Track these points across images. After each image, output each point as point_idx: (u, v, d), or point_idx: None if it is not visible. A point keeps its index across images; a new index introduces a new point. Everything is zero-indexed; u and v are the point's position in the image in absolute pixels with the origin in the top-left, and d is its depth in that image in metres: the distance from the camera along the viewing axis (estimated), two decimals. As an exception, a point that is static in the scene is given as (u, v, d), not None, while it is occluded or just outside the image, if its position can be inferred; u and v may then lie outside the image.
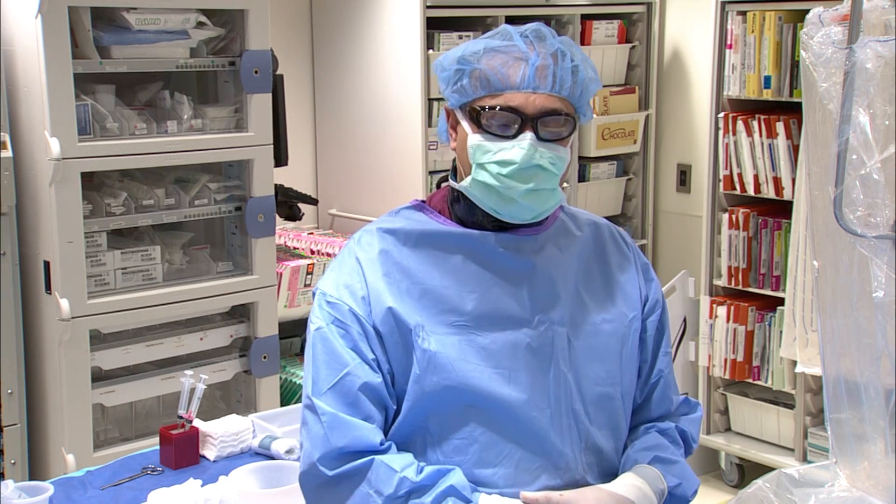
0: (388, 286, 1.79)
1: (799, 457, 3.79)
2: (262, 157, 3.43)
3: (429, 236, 1.83)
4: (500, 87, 1.75)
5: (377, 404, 1.76)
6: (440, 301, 1.79)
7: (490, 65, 1.76)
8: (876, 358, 2.14)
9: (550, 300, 1.83)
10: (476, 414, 1.76)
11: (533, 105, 1.75)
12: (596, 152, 4.30)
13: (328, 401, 1.74)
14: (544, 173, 1.77)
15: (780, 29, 3.67)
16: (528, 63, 1.75)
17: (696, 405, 2.03)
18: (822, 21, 2.18)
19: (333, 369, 1.76)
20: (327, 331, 1.78)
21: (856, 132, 2.07)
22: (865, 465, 2.21)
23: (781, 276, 3.76)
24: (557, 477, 1.79)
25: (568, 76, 1.77)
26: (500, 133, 1.76)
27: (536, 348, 1.80)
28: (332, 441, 1.72)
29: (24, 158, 3.13)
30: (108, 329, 3.26)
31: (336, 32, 4.12)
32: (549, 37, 1.80)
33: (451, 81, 1.80)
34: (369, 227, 1.89)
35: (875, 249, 2.07)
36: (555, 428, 1.78)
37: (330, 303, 1.80)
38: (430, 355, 1.75)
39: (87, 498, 2.20)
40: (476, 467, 1.76)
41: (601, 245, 1.94)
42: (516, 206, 1.78)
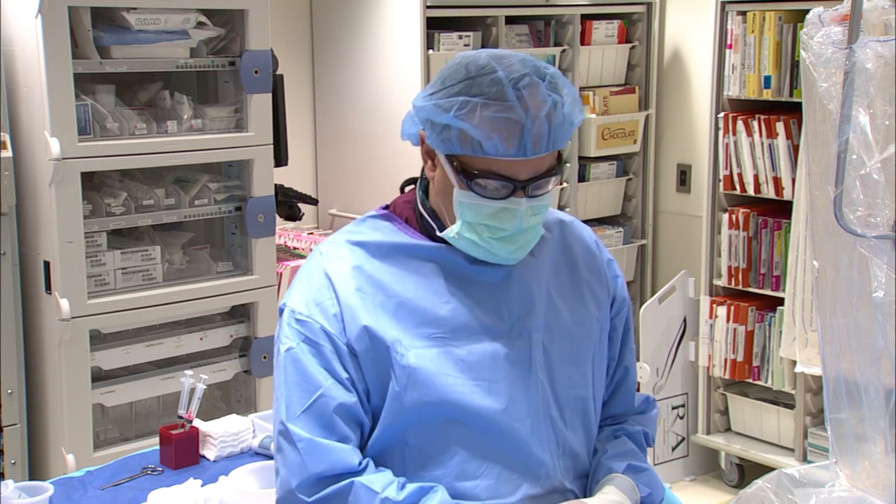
0: (362, 302, 1.74)
1: (799, 457, 3.79)
2: (262, 157, 3.43)
3: (400, 248, 1.79)
4: (493, 155, 1.67)
5: (353, 424, 1.72)
6: (416, 313, 1.75)
7: (481, 129, 1.65)
8: (876, 358, 2.14)
9: (527, 308, 1.81)
10: (456, 427, 1.74)
11: (527, 170, 1.69)
12: (596, 152, 4.30)
13: (302, 425, 1.70)
14: (531, 230, 1.75)
15: (780, 29, 3.67)
16: (525, 130, 1.65)
17: (654, 402, 2.03)
18: (822, 21, 2.19)
19: (306, 391, 1.71)
20: (298, 351, 1.73)
21: (856, 132, 2.07)
22: (865, 465, 2.21)
23: (781, 276, 3.76)
24: (538, 485, 1.77)
25: (560, 132, 1.69)
26: (491, 195, 1.70)
27: (514, 358, 1.78)
28: (309, 467, 1.68)
29: (24, 158, 3.13)
30: (108, 329, 3.26)
31: (336, 32, 4.12)
32: (541, 85, 1.68)
33: (437, 129, 1.71)
34: (336, 238, 1.83)
35: (875, 249, 2.07)
36: (534, 437, 1.77)
37: (300, 321, 1.74)
38: (409, 371, 1.71)
39: (87, 498, 2.20)
40: (457, 480, 1.74)
41: (568, 244, 1.92)
42: (500, 259, 1.77)
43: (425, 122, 1.73)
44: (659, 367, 4.03)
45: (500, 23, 3.94)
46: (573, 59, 4.16)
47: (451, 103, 1.68)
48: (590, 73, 4.29)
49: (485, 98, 1.66)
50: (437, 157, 1.76)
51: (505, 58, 1.71)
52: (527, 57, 1.73)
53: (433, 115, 1.70)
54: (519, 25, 4.09)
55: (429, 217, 1.81)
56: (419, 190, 1.85)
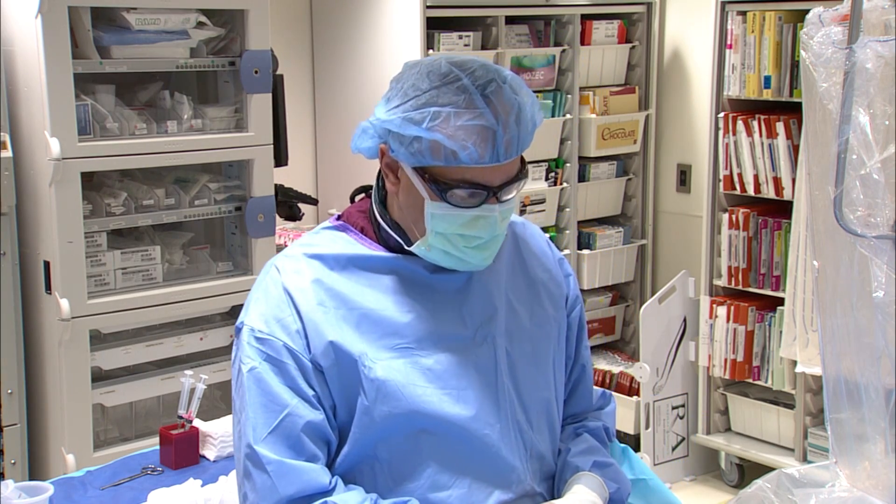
0: (325, 316, 1.70)
1: (799, 457, 3.79)
2: (262, 157, 3.43)
3: (357, 260, 1.76)
4: (468, 163, 1.65)
5: (320, 442, 1.69)
6: (379, 325, 1.72)
7: (455, 138, 1.63)
8: (876, 358, 2.14)
9: (488, 313, 1.79)
10: (427, 438, 1.71)
11: (499, 176, 1.69)
12: (596, 152, 4.30)
13: (270, 447, 1.65)
14: (502, 234, 1.76)
15: (780, 29, 3.67)
16: (497, 136, 1.64)
17: (610, 396, 2.03)
18: (822, 21, 2.18)
19: (272, 412, 1.66)
20: (261, 370, 1.68)
21: (856, 132, 2.07)
22: (865, 465, 2.21)
23: (781, 276, 3.76)
24: (510, 491, 1.76)
25: (527, 135, 1.70)
26: (464, 204, 1.68)
27: (480, 364, 1.76)
28: (280, 490, 1.63)
29: (24, 158, 3.13)
30: (108, 329, 3.26)
31: (336, 32, 4.12)
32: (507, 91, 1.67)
33: (405, 143, 1.67)
34: (291, 251, 1.80)
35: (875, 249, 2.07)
36: (504, 442, 1.76)
37: (260, 339, 1.70)
38: (378, 384, 1.68)
39: (87, 498, 2.20)
40: (430, 492, 1.71)
41: (521, 246, 1.91)
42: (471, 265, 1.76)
43: (388, 135, 1.70)
44: (659, 367, 4.03)
45: (500, 23, 3.94)
46: (573, 59, 4.16)
47: (422, 115, 1.65)
48: (590, 73, 4.29)
49: (454, 107, 1.64)
50: (402, 171, 1.72)
51: (465, 64, 1.69)
52: (485, 61, 1.72)
53: (401, 128, 1.67)
54: (519, 25, 4.09)
55: (391, 230, 1.78)
56: (376, 201, 1.81)
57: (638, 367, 4.01)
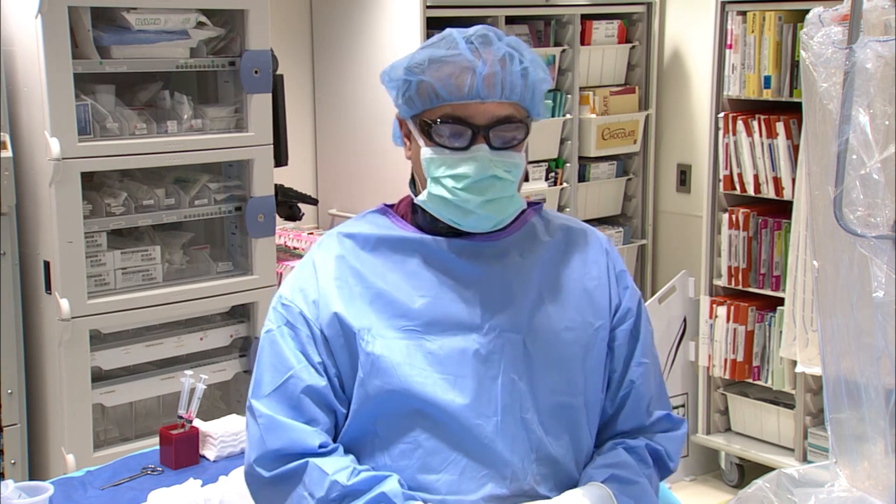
0: (339, 290, 1.78)
1: (799, 457, 3.79)
2: (262, 157, 3.43)
3: (386, 241, 1.83)
4: (449, 99, 1.72)
5: (323, 407, 1.76)
6: (391, 305, 1.78)
7: (436, 76, 1.72)
8: (876, 358, 2.14)
9: (504, 307, 1.80)
10: (421, 419, 1.75)
11: (483, 115, 1.72)
12: (596, 152, 4.30)
13: (268, 403, 1.75)
14: (500, 182, 1.75)
15: (780, 29, 3.67)
16: (476, 72, 1.71)
17: (681, 422, 1.92)
18: (822, 21, 2.19)
19: (278, 371, 1.76)
20: (277, 333, 1.79)
21: (856, 132, 2.07)
22: (865, 465, 2.21)
23: (781, 276, 3.76)
24: (504, 486, 1.74)
25: (518, 80, 1.74)
26: (453, 145, 1.73)
27: (485, 355, 1.77)
28: (267, 443, 1.73)
29: (24, 158, 3.13)
30: (108, 329, 3.26)
31: (336, 32, 4.12)
32: (495, 40, 1.75)
33: (400, 92, 1.77)
34: (332, 230, 1.89)
35: (875, 249, 2.07)
36: (501, 436, 1.75)
37: (284, 305, 1.81)
38: (373, 359, 1.74)
39: (87, 498, 2.20)
40: (419, 473, 1.74)
41: (572, 251, 1.90)
42: (475, 217, 1.77)
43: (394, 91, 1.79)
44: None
45: (500, 23, 3.94)
46: (573, 59, 4.16)
47: (412, 62, 1.75)
48: (590, 73, 4.29)
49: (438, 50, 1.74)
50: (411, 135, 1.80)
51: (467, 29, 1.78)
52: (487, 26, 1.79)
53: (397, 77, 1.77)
54: (519, 25, 4.09)
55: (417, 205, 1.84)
56: (410, 184, 1.88)
57: (638, 367, 4.00)
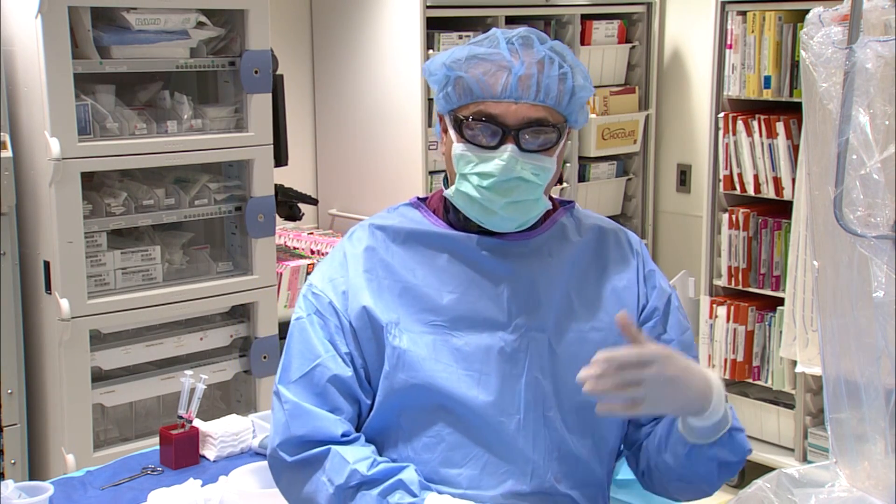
0: (368, 282, 1.81)
1: (799, 457, 3.79)
2: (262, 157, 3.43)
3: (417, 235, 1.84)
4: (482, 97, 1.72)
5: (347, 397, 1.78)
6: (420, 299, 1.80)
7: (473, 73, 1.73)
8: (876, 358, 2.14)
9: (531, 305, 1.81)
10: (444, 414, 1.77)
11: (515, 115, 1.72)
12: (596, 152, 4.30)
13: (294, 390, 1.78)
14: (526, 185, 1.74)
15: (780, 29, 3.67)
16: (511, 72, 1.71)
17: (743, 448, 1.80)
18: (822, 21, 2.18)
19: (306, 359, 1.79)
20: (307, 321, 1.81)
21: (856, 132, 2.07)
22: (865, 465, 2.21)
23: (781, 276, 3.76)
24: (524, 483, 1.76)
25: (554, 84, 1.73)
26: (482, 143, 1.74)
27: (510, 353, 1.78)
28: (291, 429, 1.76)
29: (24, 158, 3.13)
30: (108, 329, 3.26)
31: (336, 32, 4.12)
32: (536, 43, 1.76)
33: (440, 87, 1.79)
34: (364, 222, 1.90)
35: (875, 249, 2.07)
36: (523, 433, 1.77)
37: (315, 294, 1.83)
38: (399, 353, 1.77)
39: (87, 498, 2.20)
40: (442, 466, 1.77)
41: (602, 251, 1.90)
42: (498, 217, 1.77)
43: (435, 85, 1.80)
44: (659, 367, 4.02)
45: (500, 23, 3.94)
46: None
47: (452, 59, 1.77)
48: (590, 73, 4.28)
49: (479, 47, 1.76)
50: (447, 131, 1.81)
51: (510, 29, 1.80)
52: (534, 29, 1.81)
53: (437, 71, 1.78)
54: (519, 25, 4.08)
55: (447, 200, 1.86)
56: (444, 180, 1.88)
57: (638, 367, 4.00)
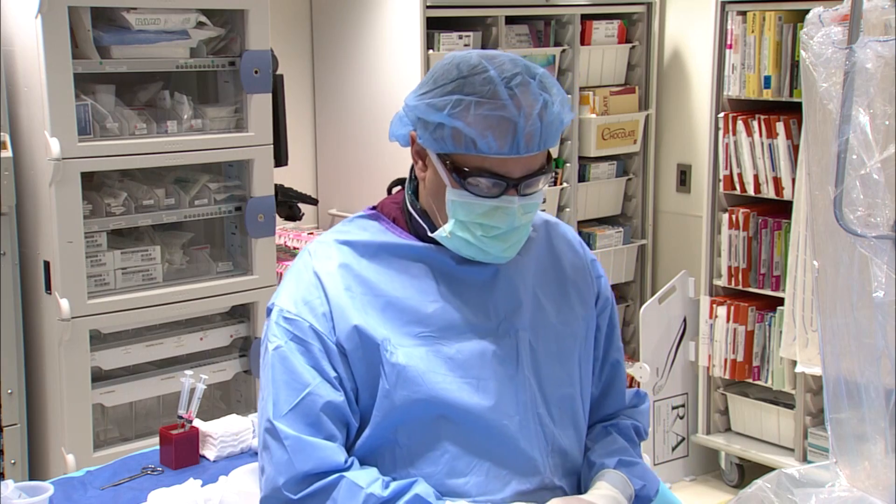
0: (351, 301, 1.75)
1: (799, 457, 3.79)
2: (262, 157, 3.43)
3: (387, 248, 1.80)
4: (487, 153, 1.68)
5: (339, 423, 1.73)
6: (404, 312, 1.76)
7: (475, 126, 1.67)
8: (876, 358, 2.14)
9: (513, 306, 1.82)
10: (446, 425, 1.75)
11: (521, 169, 1.71)
12: (596, 152, 4.30)
13: (289, 423, 1.70)
14: (523, 227, 1.76)
15: (780, 29, 3.67)
16: (518, 128, 1.67)
17: (645, 396, 2.04)
18: (822, 21, 2.18)
19: (294, 389, 1.71)
20: (286, 349, 1.74)
21: (856, 132, 2.07)
22: (865, 465, 2.21)
23: (781, 276, 3.76)
24: (528, 482, 1.78)
25: (551, 130, 1.71)
26: (483, 194, 1.71)
27: (502, 356, 1.79)
28: (297, 465, 1.68)
29: (24, 158, 3.13)
30: (108, 329, 3.26)
31: (336, 32, 4.12)
32: (532, 84, 1.70)
33: (429, 129, 1.72)
34: (324, 238, 1.84)
35: (875, 249, 2.07)
36: (523, 434, 1.78)
37: (288, 319, 1.75)
38: (399, 369, 1.72)
39: (87, 498, 2.20)
40: (448, 478, 1.75)
41: (553, 244, 1.93)
42: (492, 257, 1.78)
43: (417, 121, 1.75)
44: (659, 367, 4.03)
45: (500, 23, 3.94)
46: (573, 59, 4.16)
47: (445, 102, 1.69)
48: (590, 73, 4.29)
49: (478, 97, 1.68)
50: (429, 158, 1.77)
51: (496, 57, 1.73)
52: (516, 57, 1.75)
53: (426, 114, 1.72)
54: (519, 25, 4.09)
55: (419, 217, 1.82)
56: (408, 191, 1.86)
57: (638, 367, 4.01)
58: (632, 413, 2.01)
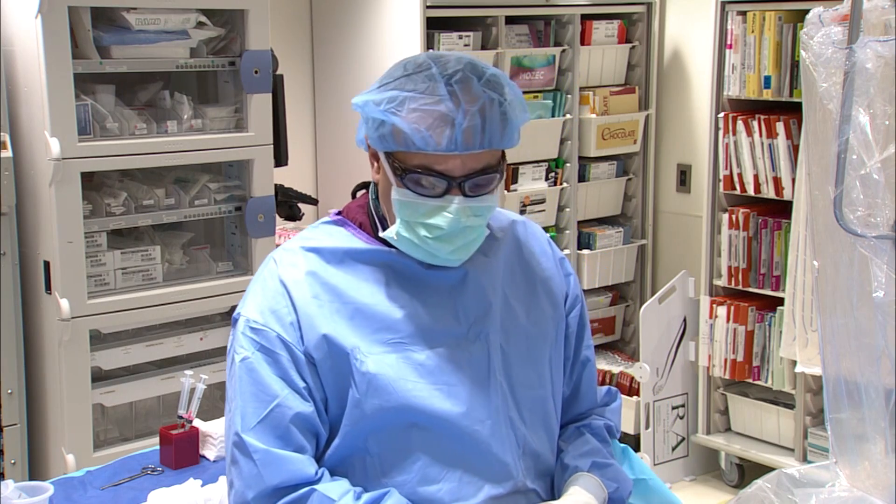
0: (319, 309, 1.71)
1: (799, 457, 3.79)
2: (262, 157, 3.43)
3: (354, 254, 1.77)
4: (424, 149, 1.65)
5: (309, 434, 1.70)
6: (373, 319, 1.73)
7: (414, 125, 1.64)
8: (876, 358, 2.14)
9: (483, 310, 1.79)
10: (418, 432, 1.72)
11: (460, 168, 1.67)
12: (596, 152, 4.30)
13: (258, 436, 1.67)
14: (470, 229, 1.71)
15: (780, 29, 3.67)
16: (455, 125, 1.63)
17: (616, 393, 2.03)
18: (822, 21, 2.19)
19: (262, 401, 1.68)
20: (253, 360, 1.70)
21: (856, 132, 2.07)
22: (865, 465, 2.21)
23: (781, 276, 3.76)
24: (500, 486, 1.76)
25: (496, 129, 1.67)
26: (425, 193, 1.68)
27: (473, 361, 1.77)
28: (266, 479, 1.66)
29: (24, 158, 3.13)
30: (108, 329, 3.26)
31: (336, 32, 4.12)
32: (475, 83, 1.66)
33: (374, 126, 1.70)
34: (289, 245, 1.81)
35: (875, 249, 2.07)
36: (495, 438, 1.76)
37: (255, 329, 1.71)
38: (369, 378, 1.69)
39: (87, 498, 2.20)
40: (420, 485, 1.72)
41: (521, 244, 1.91)
42: (443, 260, 1.74)
43: (366, 122, 1.73)
44: (659, 367, 4.03)
45: (500, 23, 3.94)
46: (573, 59, 4.16)
47: (383, 98, 1.67)
48: (590, 73, 4.29)
49: (416, 93, 1.66)
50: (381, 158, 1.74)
51: (443, 57, 1.71)
52: (466, 56, 1.73)
53: (368, 111, 1.70)
54: (519, 25, 4.09)
55: (379, 222, 1.80)
56: (372, 194, 1.83)
57: (638, 367, 4.01)
58: (603, 412, 1.99)
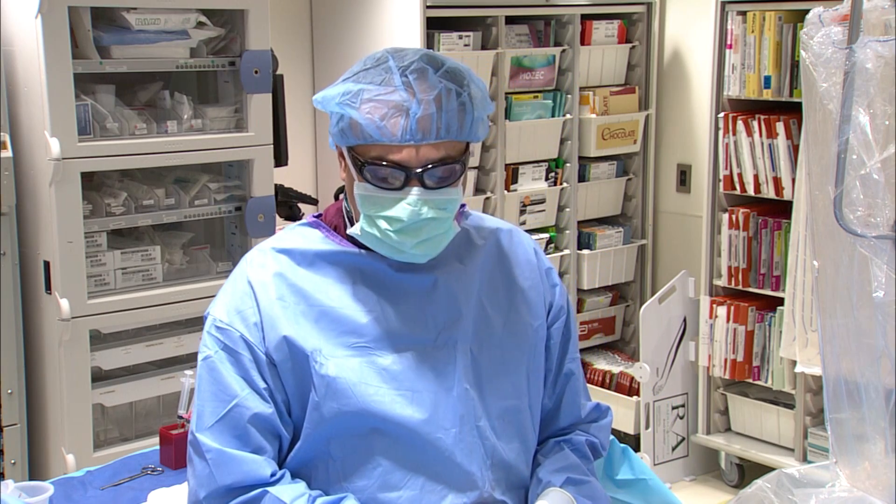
0: (284, 311, 1.70)
1: (799, 457, 3.79)
2: (262, 157, 3.43)
3: (325, 256, 1.76)
4: (380, 140, 1.64)
5: (268, 435, 1.69)
6: (339, 322, 1.71)
7: (368, 116, 1.64)
8: (876, 358, 2.14)
9: (453, 317, 1.77)
10: (379, 438, 1.71)
11: (417, 159, 1.65)
12: (596, 152, 4.30)
13: (213, 435, 1.67)
14: (435, 222, 1.69)
15: (780, 29, 3.67)
16: (409, 114, 1.63)
17: (607, 410, 1.98)
18: (822, 21, 2.19)
19: (221, 401, 1.68)
20: (216, 359, 1.70)
21: (856, 132, 2.07)
22: (865, 465, 2.21)
23: (781, 276, 3.76)
24: (464, 496, 1.73)
25: (454, 119, 1.66)
26: (386, 185, 1.66)
27: (439, 368, 1.74)
28: (218, 479, 1.65)
29: (24, 158, 3.13)
30: (108, 329, 3.26)
31: (336, 32, 4.12)
32: (430, 73, 1.66)
33: (334, 121, 1.69)
34: (262, 246, 1.80)
35: (875, 249, 2.07)
36: (459, 447, 1.73)
37: (220, 328, 1.71)
38: (328, 381, 1.68)
39: (87, 498, 2.20)
40: (380, 491, 1.71)
41: (504, 253, 1.87)
42: (409, 255, 1.72)
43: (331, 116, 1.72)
44: (659, 367, 4.03)
45: (500, 23, 3.95)
46: (573, 59, 4.16)
47: (338, 91, 1.68)
48: (590, 73, 4.29)
49: (371, 84, 1.66)
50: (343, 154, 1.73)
51: (402, 51, 1.72)
52: (426, 50, 1.72)
53: (326, 105, 1.69)
54: (519, 25, 4.09)
55: (350, 222, 1.78)
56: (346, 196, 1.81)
57: (638, 367, 4.01)
58: (589, 428, 1.94)
